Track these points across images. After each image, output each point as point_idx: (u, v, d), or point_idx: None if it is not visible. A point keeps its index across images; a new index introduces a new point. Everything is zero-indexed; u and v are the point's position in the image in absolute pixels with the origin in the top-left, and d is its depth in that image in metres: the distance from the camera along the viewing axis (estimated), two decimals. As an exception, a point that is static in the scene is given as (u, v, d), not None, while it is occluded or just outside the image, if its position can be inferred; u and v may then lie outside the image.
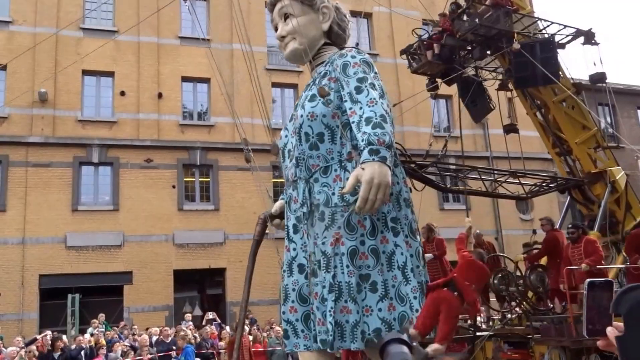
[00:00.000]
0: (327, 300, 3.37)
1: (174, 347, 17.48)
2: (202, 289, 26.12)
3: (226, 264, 24.33)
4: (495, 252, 14.28)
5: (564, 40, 14.03)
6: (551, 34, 13.80)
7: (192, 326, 20.05)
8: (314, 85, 3.78)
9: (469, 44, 13.86)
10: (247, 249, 4.25)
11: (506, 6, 13.28)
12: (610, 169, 13.87)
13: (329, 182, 3.55)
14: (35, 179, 22.71)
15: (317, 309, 3.45)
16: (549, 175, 15.11)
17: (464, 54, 14.19)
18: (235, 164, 24.47)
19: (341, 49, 3.97)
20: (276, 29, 4.12)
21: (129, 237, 23.55)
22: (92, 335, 18.06)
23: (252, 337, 18.06)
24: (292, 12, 3.95)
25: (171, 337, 17.97)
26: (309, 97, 3.72)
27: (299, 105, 3.81)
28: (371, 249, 3.41)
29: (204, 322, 20.97)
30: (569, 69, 20.17)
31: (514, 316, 13.33)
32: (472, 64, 14.13)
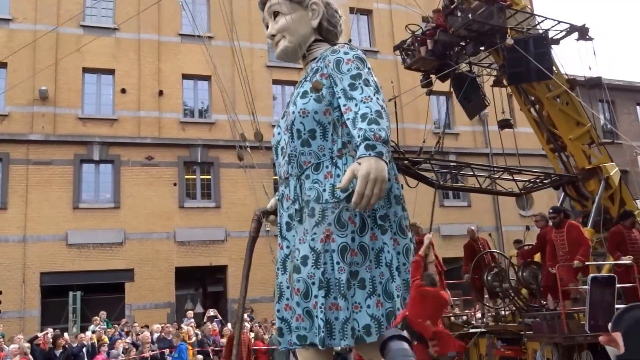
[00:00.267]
0: (318, 297, 3.37)
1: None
2: (203, 286, 26.22)
3: (227, 262, 24.34)
4: (489, 249, 14.26)
5: (558, 35, 13.98)
6: (545, 30, 13.73)
7: (193, 323, 20.07)
8: (306, 81, 3.79)
9: (462, 40, 13.81)
10: (248, 247, 4.24)
11: (500, 2, 13.24)
12: (604, 165, 13.82)
13: (319, 178, 3.55)
14: (36, 176, 22.78)
15: (298, 304, 3.46)
16: (543, 171, 15.03)
17: (458, 49, 14.15)
18: (236, 161, 24.33)
19: (333, 44, 3.95)
20: (267, 28, 4.13)
21: (130, 235, 23.60)
22: (93, 332, 18.08)
23: (253, 334, 18.00)
24: (281, 10, 3.96)
25: (172, 334, 18.01)
26: (300, 93, 3.73)
27: (291, 102, 3.82)
28: (360, 245, 3.41)
29: (205, 319, 20.97)
30: (564, 66, 20.13)
31: (507, 313, 13.32)
32: (466, 60, 14.07)
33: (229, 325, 19.66)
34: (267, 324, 20.04)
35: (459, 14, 13.51)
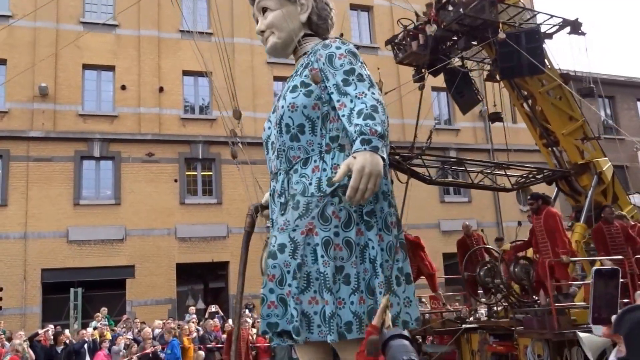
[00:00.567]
0: (292, 286, 3.35)
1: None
2: (204, 282, 26.25)
3: (229, 257, 24.35)
4: (484, 244, 14.23)
5: (551, 30, 13.89)
6: (537, 24, 13.65)
7: (195, 319, 20.10)
8: (296, 76, 3.77)
9: (454, 34, 13.74)
10: (252, 242, 4.22)
11: (492, -5, 13.16)
12: (597, 160, 13.75)
13: (307, 172, 3.53)
14: (36, 173, 22.85)
15: (271, 291, 3.45)
16: (535, 166, 14.96)
17: (450, 44, 14.07)
18: (240, 157, 24.41)
19: (324, 39, 3.92)
20: (258, 23, 4.13)
21: (131, 231, 23.65)
22: (95, 329, 18.11)
23: (255, 330, 17.88)
24: (269, 6, 3.96)
25: (164, 331, 18.00)
26: (290, 88, 3.71)
27: (281, 96, 3.79)
28: (345, 240, 3.38)
29: (207, 315, 20.99)
30: (559, 62, 19.98)
31: (499, 308, 13.28)
32: (458, 55, 14.00)
33: (230, 321, 19.67)
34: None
35: (450, 8, 13.43)
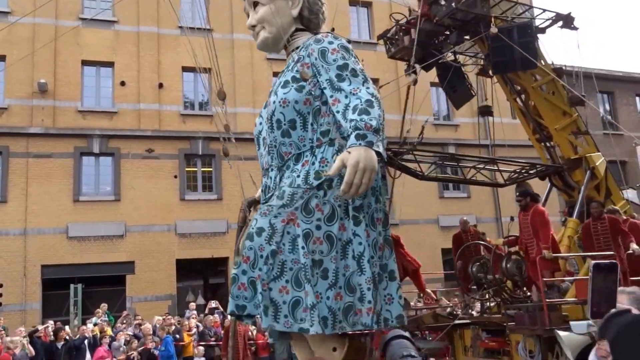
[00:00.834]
0: (262, 270, 3.31)
1: (177, 335, 17.59)
2: (204, 278, 26.28)
3: (229, 253, 24.21)
4: (480, 239, 14.21)
5: (544, 24, 13.83)
6: (530, 18, 13.59)
7: (195, 315, 20.14)
8: (288, 71, 3.72)
9: (446, 29, 13.68)
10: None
11: (484, -10, 13.12)
12: (590, 155, 13.69)
13: (298, 167, 3.51)
14: (36, 169, 22.89)
15: (244, 273, 3.40)
16: (528, 162, 14.90)
17: (442, 38, 14.02)
18: (238, 154, 24.38)
19: (316, 34, 3.88)
20: (248, 17, 4.09)
21: (131, 228, 23.70)
22: (95, 325, 18.16)
23: (255, 327, 17.79)
24: (260, 1, 3.92)
25: (174, 326, 18.07)
26: (282, 83, 3.66)
27: (273, 91, 3.75)
28: (327, 235, 3.34)
29: (207, 311, 21.04)
30: (553, 59, 19.85)
31: (492, 304, 13.25)
32: (450, 49, 13.95)
33: (229, 316, 19.67)
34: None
35: (442, 2, 13.37)
